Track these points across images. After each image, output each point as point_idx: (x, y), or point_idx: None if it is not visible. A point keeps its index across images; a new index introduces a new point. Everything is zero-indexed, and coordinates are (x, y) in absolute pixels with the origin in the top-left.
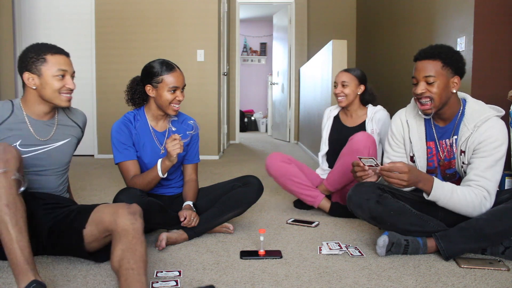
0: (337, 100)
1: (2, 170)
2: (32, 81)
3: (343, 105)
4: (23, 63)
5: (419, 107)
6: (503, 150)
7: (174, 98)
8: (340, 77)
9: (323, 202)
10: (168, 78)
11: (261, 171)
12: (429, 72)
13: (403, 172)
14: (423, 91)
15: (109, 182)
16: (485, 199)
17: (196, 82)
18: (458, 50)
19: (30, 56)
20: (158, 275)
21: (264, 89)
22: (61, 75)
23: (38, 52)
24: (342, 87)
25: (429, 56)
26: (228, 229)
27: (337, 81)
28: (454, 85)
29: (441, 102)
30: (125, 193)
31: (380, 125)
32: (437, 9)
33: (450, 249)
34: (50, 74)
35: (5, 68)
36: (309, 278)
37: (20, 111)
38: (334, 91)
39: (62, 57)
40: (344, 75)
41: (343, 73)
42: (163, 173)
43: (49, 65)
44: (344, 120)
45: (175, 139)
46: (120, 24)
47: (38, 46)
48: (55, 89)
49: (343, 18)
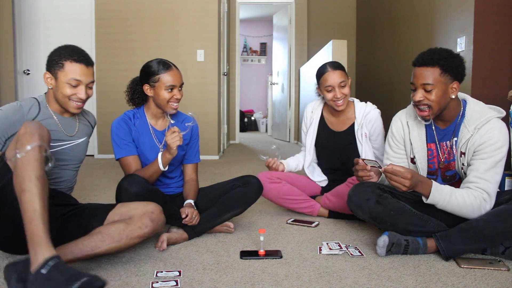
0: (334, 105)
1: (38, 143)
2: (50, 80)
3: (343, 108)
4: (48, 62)
5: (418, 113)
6: (503, 152)
7: (172, 97)
8: (334, 77)
9: (321, 210)
10: (164, 77)
11: (261, 171)
12: (427, 80)
13: (406, 178)
14: (421, 99)
15: (109, 182)
16: (485, 201)
17: (196, 82)
18: (458, 53)
19: (53, 58)
20: (158, 275)
21: (264, 89)
22: (74, 84)
23: (60, 56)
24: (340, 88)
25: (428, 63)
26: (229, 228)
27: (333, 84)
28: (453, 90)
29: (440, 108)
30: (129, 179)
31: (370, 126)
32: (437, 9)
33: (450, 250)
34: (64, 80)
35: (5, 68)
36: (309, 278)
37: (46, 108)
38: (329, 97)
39: (81, 66)
40: (338, 74)
41: (336, 71)
42: (164, 166)
43: (65, 72)
44: (330, 122)
45: (174, 132)
46: (120, 24)
47: (63, 50)
48: (65, 95)
49: (343, 18)
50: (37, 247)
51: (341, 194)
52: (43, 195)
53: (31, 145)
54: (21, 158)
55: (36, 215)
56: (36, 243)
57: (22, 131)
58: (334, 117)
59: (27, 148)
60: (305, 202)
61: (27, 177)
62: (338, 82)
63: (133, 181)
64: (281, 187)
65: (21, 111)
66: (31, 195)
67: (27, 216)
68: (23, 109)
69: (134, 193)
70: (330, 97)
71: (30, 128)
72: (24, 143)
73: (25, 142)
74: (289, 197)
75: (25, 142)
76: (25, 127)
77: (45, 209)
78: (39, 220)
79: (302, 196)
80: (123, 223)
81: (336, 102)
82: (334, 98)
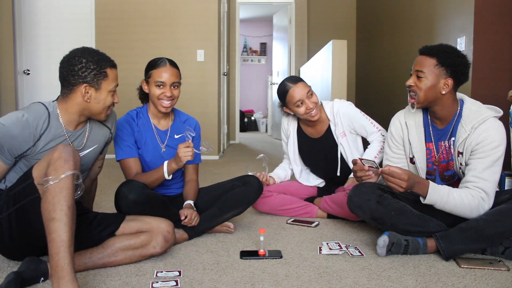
0: (309, 117)
1: (73, 171)
2: (88, 94)
3: (318, 117)
4: (82, 73)
5: (408, 99)
6: (501, 150)
7: (161, 93)
8: (301, 91)
9: (319, 213)
10: (155, 72)
11: (261, 171)
12: (421, 67)
13: (403, 180)
14: (411, 84)
15: (110, 182)
16: (483, 201)
17: (196, 82)
18: (465, 55)
19: (91, 68)
20: (158, 275)
21: (264, 89)
22: (114, 91)
23: (99, 63)
24: (309, 98)
25: (428, 53)
26: (229, 228)
27: (301, 98)
28: (445, 87)
29: (426, 99)
30: (128, 185)
31: (346, 120)
32: (437, 9)
33: (450, 249)
34: (108, 90)
35: (5, 68)
36: (309, 278)
37: (57, 122)
38: (301, 111)
39: (116, 70)
40: (301, 86)
41: (299, 84)
42: (169, 175)
43: (109, 81)
44: (307, 131)
45: (188, 146)
46: (120, 24)
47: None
48: (106, 106)
49: (343, 18)
50: (61, 280)
51: (340, 203)
52: (71, 226)
53: (65, 173)
54: (54, 185)
55: (64, 246)
56: (60, 276)
57: (56, 156)
58: (310, 127)
59: (61, 176)
60: (301, 208)
61: (58, 205)
62: (305, 94)
63: (132, 188)
64: (273, 200)
65: (28, 129)
66: (60, 224)
67: (54, 246)
68: (30, 125)
69: (132, 200)
70: (303, 111)
71: (65, 153)
72: (58, 169)
73: (59, 168)
74: (284, 207)
75: (59, 168)
76: (59, 151)
77: (72, 240)
78: (66, 252)
79: (297, 203)
80: (137, 240)
81: (310, 113)
82: (307, 110)
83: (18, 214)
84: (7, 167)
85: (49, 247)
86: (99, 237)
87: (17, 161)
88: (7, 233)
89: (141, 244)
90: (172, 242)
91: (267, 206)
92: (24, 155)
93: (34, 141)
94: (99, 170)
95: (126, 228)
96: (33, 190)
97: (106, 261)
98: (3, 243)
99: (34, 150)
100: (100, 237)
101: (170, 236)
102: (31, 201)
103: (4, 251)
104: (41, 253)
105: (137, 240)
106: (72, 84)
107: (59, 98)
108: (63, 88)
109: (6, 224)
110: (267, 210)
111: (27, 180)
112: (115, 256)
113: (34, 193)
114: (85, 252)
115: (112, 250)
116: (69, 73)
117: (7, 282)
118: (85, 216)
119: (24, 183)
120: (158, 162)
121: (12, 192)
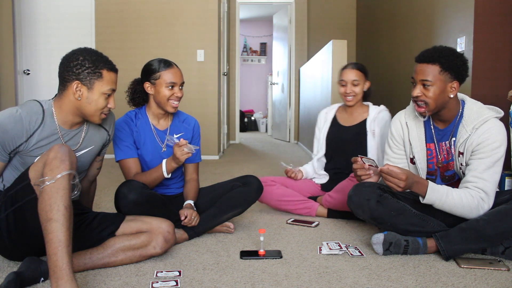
0: (344, 99)
1: (69, 171)
2: (79, 92)
3: (352, 104)
4: (76, 69)
5: (416, 109)
6: (501, 151)
7: (172, 94)
8: (350, 75)
9: (319, 209)
10: (165, 74)
11: (261, 171)
12: (426, 76)
13: (401, 179)
14: (419, 95)
15: (109, 182)
16: (483, 201)
17: (196, 82)
18: (462, 53)
19: (86, 66)
20: (158, 275)
21: (264, 89)
22: (109, 94)
23: (95, 63)
24: (352, 86)
25: (429, 60)
26: (229, 228)
27: (346, 80)
28: (452, 90)
29: (436, 106)
30: (127, 185)
31: (382, 125)
32: (437, 9)
33: (450, 249)
34: (100, 91)
35: (5, 68)
36: (309, 278)
37: (51, 119)
38: (341, 90)
39: (115, 75)
40: (354, 73)
41: (353, 70)
42: (168, 173)
43: (103, 82)
44: (342, 119)
45: (182, 145)
46: (120, 24)
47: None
48: (98, 108)
49: (343, 18)
50: (60, 280)
51: (342, 189)
52: (69, 226)
53: (61, 173)
54: (50, 185)
55: (62, 246)
56: (58, 276)
57: (52, 156)
58: (346, 114)
59: (57, 176)
60: (302, 203)
61: (55, 206)
62: (351, 80)
63: (132, 188)
64: (276, 190)
65: (20, 124)
66: (57, 225)
67: (51, 247)
68: (23, 121)
69: (132, 200)
70: (342, 91)
71: (61, 153)
72: (54, 169)
73: (55, 168)
74: (285, 198)
75: (55, 168)
76: (54, 151)
77: (70, 240)
78: (63, 252)
79: (298, 197)
80: (138, 241)
81: (346, 97)
82: (345, 93)
83: (16, 215)
84: (2, 164)
85: (47, 248)
86: (99, 237)
87: (12, 158)
88: (5, 234)
89: (141, 244)
90: (173, 243)
91: (268, 194)
92: (17, 151)
93: (26, 136)
94: (98, 172)
95: (126, 228)
96: (30, 191)
97: (106, 261)
98: (2, 244)
99: (26, 146)
100: (100, 237)
101: (171, 237)
102: (28, 202)
103: (3, 252)
104: (41, 253)
105: (137, 241)
106: (66, 81)
107: (56, 96)
108: (59, 85)
109: (4, 226)
110: (268, 200)
111: (23, 181)
112: (115, 256)
113: (31, 194)
114: (85, 252)
115: (112, 250)
116: (64, 69)
117: (7, 282)
118: (85, 216)
119: (21, 184)
120: (158, 162)
121: (9, 193)
